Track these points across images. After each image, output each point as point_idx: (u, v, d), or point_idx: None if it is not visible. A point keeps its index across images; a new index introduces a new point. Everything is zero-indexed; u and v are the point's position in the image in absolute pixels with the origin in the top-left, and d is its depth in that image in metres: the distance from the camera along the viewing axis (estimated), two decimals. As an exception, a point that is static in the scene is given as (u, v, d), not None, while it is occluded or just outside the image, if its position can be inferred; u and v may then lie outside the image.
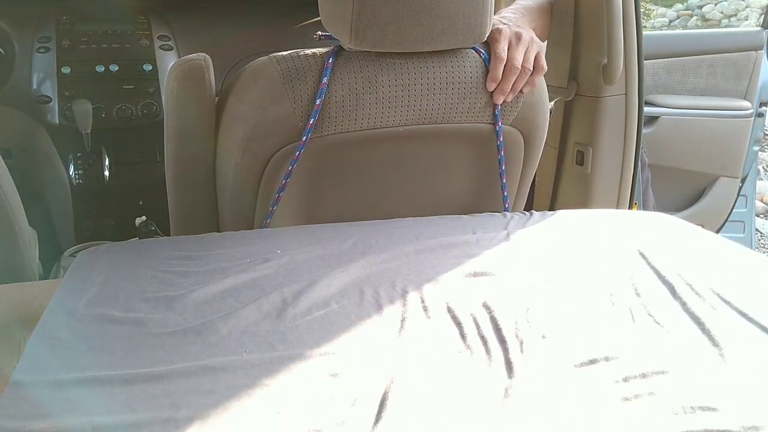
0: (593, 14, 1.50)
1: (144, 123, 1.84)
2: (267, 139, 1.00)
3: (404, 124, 1.03)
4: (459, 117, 1.05)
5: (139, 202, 1.92)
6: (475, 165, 1.15)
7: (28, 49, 1.78)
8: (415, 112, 1.03)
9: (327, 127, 1.00)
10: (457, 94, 1.04)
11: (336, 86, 0.98)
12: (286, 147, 1.01)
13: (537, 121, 1.11)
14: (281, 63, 0.99)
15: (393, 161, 1.11)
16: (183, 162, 1.08)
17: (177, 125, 1.05)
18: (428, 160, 1.12)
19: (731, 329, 0.71)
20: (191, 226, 1.13)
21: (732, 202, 2.28)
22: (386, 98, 1.00)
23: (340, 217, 1.05)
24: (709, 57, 2.21)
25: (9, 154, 1.77)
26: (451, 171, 1.15)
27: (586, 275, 0.84)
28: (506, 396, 0.60)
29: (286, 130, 0.99)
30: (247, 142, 1.00)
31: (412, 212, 1.07)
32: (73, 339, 0.68)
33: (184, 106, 1.03)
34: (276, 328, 0.71)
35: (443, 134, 1.08)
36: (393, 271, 0.84)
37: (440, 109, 1.04)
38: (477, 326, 0.72)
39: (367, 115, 1.01)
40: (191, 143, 1.07)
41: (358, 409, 0.58)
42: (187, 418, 0.56)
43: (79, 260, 0.88)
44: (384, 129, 1.03)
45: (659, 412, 0.58)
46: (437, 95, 1.03)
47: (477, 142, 1.11)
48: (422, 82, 1.01)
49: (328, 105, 0.98)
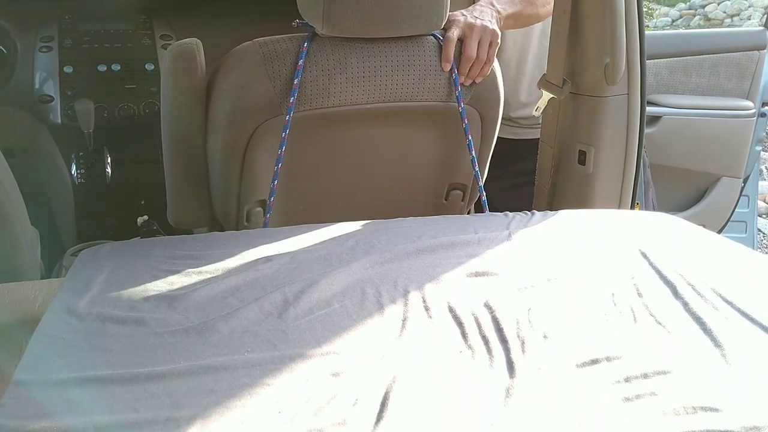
0: (595, 13, 1.50)
1: (146, 122, 1.84)
2: (250, 113, 1.12)
3: (372, 102, 1.16)
4: (420, 95, 1.19)
5: (141, 202, 1.92)
6: (440, 142, 1.28)
7: (30, 49, 1.79)
8: (381, 90, 1.16)
9: (303, 104, 1.13)
10: (418, 75, 1.17)
11: (311, 67, 1.11)
12: (266, 122, 1.12)
13: (491, 100, 1.26)
14: (263, 46, 1.11)
15: (367, 143, 1.24)
16: (177, 134, 1.21)
17: (172, 99, 1.18)
18: (398, 140, 1.26)
19: (733, 329, 0.71)
20: (184, 200, 1.27)
21: (734, 202, 2.28)
22: (355, 78, 1.13)
23: (321, 192, 1.22)
24: (711, 57, 2.20)
25: (11, 154, 1.77)
26: (418, 150, 1.29)
27: (587, 275, 0.84)
28: (508, 396, 0.60)
29: (266, 105, 1.11)
30: (233, 116, 1.12)
31: (386, 187, 1.26)
32: (75, 338, 0.68)
33: (177, 82, 1.15)
34: (278, 327, 0.71)
35: (408, 113, 1.21)
36: (394, 270, 0.84)
37: (403, 88, 1.17)
38: (479, 326, 0.72)
39: (339, 92, 1.14)
40: (184, 116, 1.18)
41: (360, 409, 0.58)
42: (188, 417, 0.56)
43: (81, 259, 0.88)
44: (355, 106, 1.16)
45: (661, 412, 0.58)
46: (400, 75, 1.16)
47: (439, 120, 1.24)
48: (387, 64, 1.14)
49: (304, 84, 1.11)
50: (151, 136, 1.84)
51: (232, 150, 1.15)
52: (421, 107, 1.20)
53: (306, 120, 1.14)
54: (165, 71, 1.17)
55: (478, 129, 1.28)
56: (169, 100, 1.19)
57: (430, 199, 1.35)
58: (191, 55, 1.13)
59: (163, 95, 1.20)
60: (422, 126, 1.25)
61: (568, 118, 1.66)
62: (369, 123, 1.21)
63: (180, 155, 1.23)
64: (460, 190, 1.35)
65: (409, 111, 1.20)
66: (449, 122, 1.24)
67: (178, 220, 1.33)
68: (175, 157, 1.24)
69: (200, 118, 1.18)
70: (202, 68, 1.15)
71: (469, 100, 1.23)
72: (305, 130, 1.16)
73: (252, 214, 1.22)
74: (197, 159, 1.22)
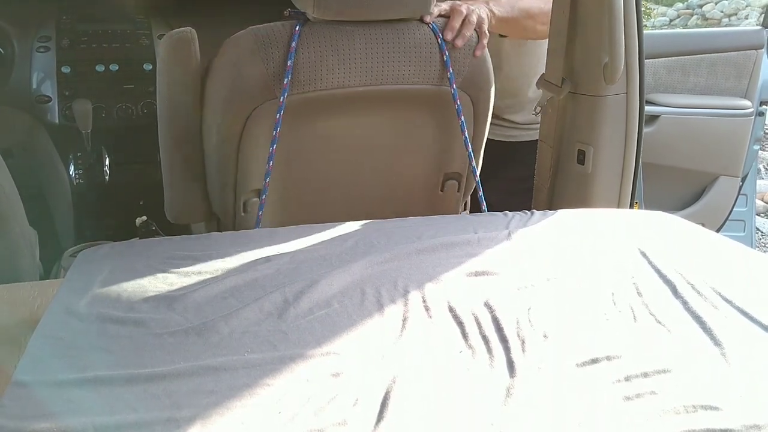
0: (594, 13, 1.50)
1: (144, 122, 1.84)
2: (244, 97, 1.14)
3: (365, 85, 1.19)
4: (412, 79, 1.21)
5: (139, 202, 1.91)
6: (433, 129, 1.30)
7: (28, 49, 1.78)
8: (373, 73, 1.18)
9: (297, 86, 1.15)
10: (408, 57, 1.19)
11: (303, 50, 1.13)
12: (261, 106, 1.14)
13: (481, 84, 1.28)
14: (256, 32, 1.15)
15: (361, 129, 1.26)
16: (173, 124, 1.22)
17: (167, 88, 1.19)
18: (391, 127, 1.28)
19: (732, 328, 0.71)
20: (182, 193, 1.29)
21: (732, 201, 2.28)
22: (347, 60, 1.16)
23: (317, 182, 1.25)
24: (709, 56, 2.21)
25: (9, 154, 1.77)
26: (412, 137, 1.31)
27: (587, 274, 0.84)
28: (508, 395, 0.60)
29: (260, 88, 1.13)
30: (228, 101, 1.15)
31: (382, 176, 1.29)
32: (75, 339, 0.68)
33: (172, 70, 1.18)
34: (277, 327, 0.71)
35: (400, 97, 1.23)
36: (394, 270, 0.84)
37: (395, 71, 1.19)
38: (479, 326, 0.72)
39: (332, 75, 1.16)
40: (180, 105, 1.20)
41: (360, 409, 0.58)
42: (188, 418, 0.56)
43: (79, 260, 0.88)
44: (348, 89, 1.18)
45: (661, 411, 0.58)
46: (392, 58, 1.18)
47: (432, 105, 1.26)
48: (378, 47, 1.17)
49: (297, 66, 1.13)
50: (150, 136, 1.83)
51: (228, 137, 1.17)
52: (413, 91, 1.22)
53: (300, 104, 1.16)
54: (160, 59, 1.20)
55: (471, 116, 1.29)
56: (164, 89, 1.21)
57: (426, 189, 1.36)
58: (186, 43, 1.16)
59: (159, 85, 1.21)
60: (415, 111, 1.27)
61: (567, 117, 1.66)
62: (363, 108, 1.23)
63: (177, 147, 1.24)
64: (455, 179, 1.37)
65: (402, 95, 1.22)
66: (442, 107, 1.26)
67: (176, 215, 1.34)
68: (172, 149, 1.25)
69: (195, 106, 1.20)
70: (197, 56, 1.18)
71: (461, 84, 1.25)
72: (300, 116, 1.18)
73: (249, 204, 1.23)
74: (194, 150, 1.23)
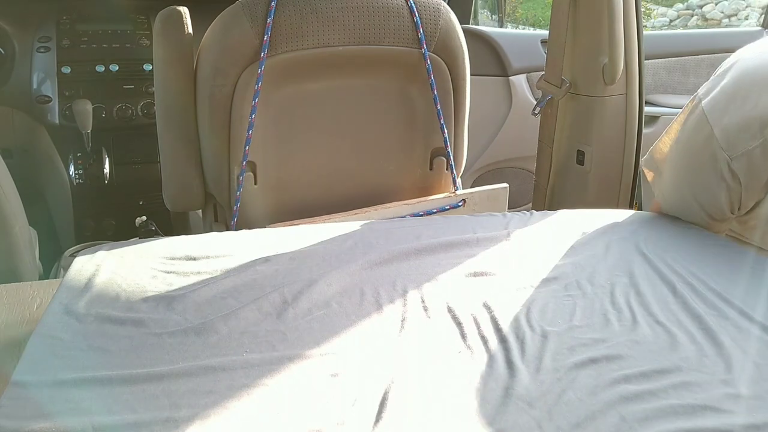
0: (594, 14, 1.50)
1: (144, 123, 1.84)
2: (232, 58, 1.20)
3: (344, 44, 1.25)
4: (387, 39, 1.28)
5: (139, 202, 1.92)
6: (416, 99, 1.35)
7: (28, 49, 1.78)
8: (351, 32, 1.25)
9: (280, 45, 1.20)
10: (383, 17, 1.26)
11: (284, 8, 1.20)
12: (249, 68, 1.20)
13: (455, 49, 1.33)
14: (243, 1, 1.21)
15: (344, 94, 1.32)
16: (169, 100, 1.28)
17: (163, 62, 1.26)
18: (374, 92, 1.34)
19: (732, 328, 0.71)
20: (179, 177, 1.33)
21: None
22: (327, 19, 1.22)
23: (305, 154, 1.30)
24: (709, 56, 2.21)
25: (9, 154, 1.78)
26: (395, 106, 1.36)
27: (586, 275, 0.84)
28: (507, 396, 0.60)
29: (247, 48, 1.19)
30: (217, 64, 1.21)
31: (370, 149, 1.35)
32: (74, 339, 0.68)
33: (166, 41, 1.24)
34: (276, 328, 0.71)
35: (379, 59, 1.29)
36: (393, 271, 0.84)
37: (371, 30, 1.26)
38: (477, 326, 0.72)
39: (312, 33, 1.22)
40: (174, 79, 1.26)
41: (359, 409, 0.58)
42: (187, 418, 0.56)
43: (79, 260, 0.88)
44: (328, 48, 1.24)
45: (660, 412, 0.58)
46: (367, 17, 1.25)
47: (411, 71, 1.32)
48: (353, 5, 1.24)
49: (279, 24, 1.19)
50: (150, 136, 1.84)
51: (219, 104, 1.22)
52: (389, 52, 1.29)
53: (284, 65, 1.22)
54: (155, 34, 1.26)
55: (448, 83, 1.34)
56: (160, 65, 1.27)
57: (416, 168, 1.41)
58: (178, 16, 1.24)
59: (155, 62, 1.27)
60: (395, 77, 1.33)
61: (566, 118, 1.66)
62: (346, 70, 1.29)
63: (173, 124, 1.29)
64: (443, 156, 1.40)
65: (379, 56, 1.29)
66: (423, 74, 1.32)
67: (174, 202, 1.37)
68: (169, 128, 1.30)
69: (189, 78, 1.26)
70: (189, 28, 1.25)
71: (434, 48, 1.31)
72: (284, 77, 1.23)
73: (243, 179, 1.27)
74: (189, 128, 1.29)
